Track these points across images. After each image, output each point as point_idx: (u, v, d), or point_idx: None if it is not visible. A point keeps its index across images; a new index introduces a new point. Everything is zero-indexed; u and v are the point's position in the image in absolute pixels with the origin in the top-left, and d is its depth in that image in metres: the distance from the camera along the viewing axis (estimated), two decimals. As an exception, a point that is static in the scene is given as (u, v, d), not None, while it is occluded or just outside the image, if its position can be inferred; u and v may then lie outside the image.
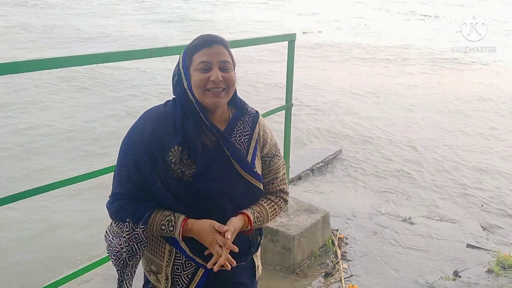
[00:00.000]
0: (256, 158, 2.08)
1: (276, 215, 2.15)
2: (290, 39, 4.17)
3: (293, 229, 4.35)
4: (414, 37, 19.99)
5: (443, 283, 4.18)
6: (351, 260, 4.56)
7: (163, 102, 2.04)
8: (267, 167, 2.14)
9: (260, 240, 2.19)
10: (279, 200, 2.17)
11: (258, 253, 2.23)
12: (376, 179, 6.56)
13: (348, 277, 4.27)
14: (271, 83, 11.80)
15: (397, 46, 17.89)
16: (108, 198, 1.99)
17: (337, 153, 7.37)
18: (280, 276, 4.28)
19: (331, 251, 4.66)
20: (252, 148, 2.06)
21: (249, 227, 2.01)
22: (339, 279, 4.22)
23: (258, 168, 2.09)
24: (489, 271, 4.39)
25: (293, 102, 4.40)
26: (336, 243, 4.73)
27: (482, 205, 5.78)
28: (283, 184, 2.20)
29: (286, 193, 2.21)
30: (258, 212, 2.06)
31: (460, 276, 4.31)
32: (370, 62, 15.28)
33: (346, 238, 4.93)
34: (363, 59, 15.72)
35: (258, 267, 2.24)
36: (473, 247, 4.86)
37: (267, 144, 2.13)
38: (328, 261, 4.52)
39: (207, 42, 1.93)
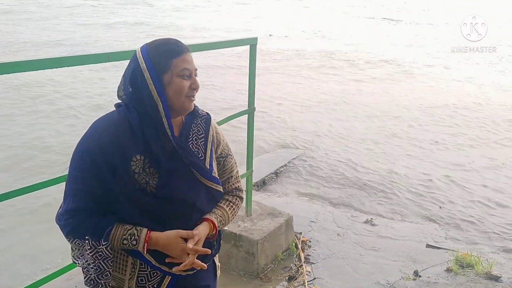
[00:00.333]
0: (213, 160, 2.10)
1: (235, 214, 2.22)
2: (252, 43, 4.17)
3: (257, 233, 4.35)
4: (370, 42, 20.40)
5: (404, 283, 4.26)
6: (314, 263, 4.59)
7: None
8: (222, 167, 2.17)
9: (220, 240, 2.22)
10: (236, 199, 2.22)
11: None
12: (338, 182, 6.63)
13: (311, 280, 4.30)
14: (238, 89, 11.80)
15: (355, 51, 18.21)
16: (59, 216, 1.90)
17: (300, 156, 7.44)
18: (243, 281, 4.27)
19: (295, 255, 4.68)
20: (209, 151, 2.07)
21: (215, 232, 2.05)
22: (302, 283, 4.24)
23: (216, 171, 2.11)
24: (448, 270, 4.50)
25: (257, 106, 4.40)
26: (299, 246, 4.76)
27: (440, 207, 5.93)
28: (238, 182, 2.25)
29: (241, 190, 2.27)
30: (220, 216, 2.09)
31: (420, 276, 4.41)
32: (333, 69, 15.48)
33: (310, 241, 4.97)
34: (322, 67, 15.92)
35: (218, 266, 2.31)
36: (433, 247, 4.98)
37: (221, 145, 2.16)
38: (291, 264, 4.54)
39: (182, 48, 1.90)
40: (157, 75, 1.84)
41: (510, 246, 5.06)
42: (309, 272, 4.43)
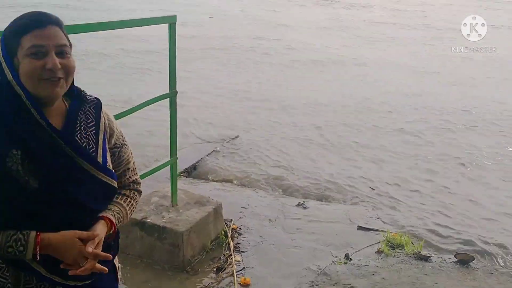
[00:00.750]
0: (107, 152, 1.84)
1: (134, 210, 1.99)
2: (171, 21, 3.86)
3: (182, 224, 4.09)
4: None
5: (335, 268, 4.18)
6: (244, 251, 4.41)
7: None
8: (117, 159, 1.92)
9: (118, 239, 1.97)
10: (134, 193, 1.99)
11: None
12: (270, 167, 6.47)
13: (240, 270, 4.12)
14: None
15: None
16: None
17: (234, 139, 7.21)
18: (168, 275, 4.02)
19: (224, 244, 4.48)
20: (101, 141, 1.81)
21: (113, 231, 1.81)
22: (231, 273, 4.05)
23: (110, 163, 1.85)
24: (379, 251, 4.47)
25: (186, 90, 4.11)
26: (229, 234, 4.55)
27: (371, 188, 5.92)
28: (135, 174, 2.02)
29: (139, 183, 2.03)
30: (118, 213, 1.86)
31: (351, 259, 4.34)
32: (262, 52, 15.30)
33: (240, 229, 4.78)
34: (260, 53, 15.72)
35: (118, 268, 2.05)
36: (364, 228, 4.93)
37: (114, 134, 1.89)
38: (221, 255, 4.33)
39: (38, 22, 1.59)
40: (10, 58, 1.59)
41: (439, 225, 5.10)
42: (239, 261, 4.24)
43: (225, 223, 4.71)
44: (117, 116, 3.52)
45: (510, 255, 4.53)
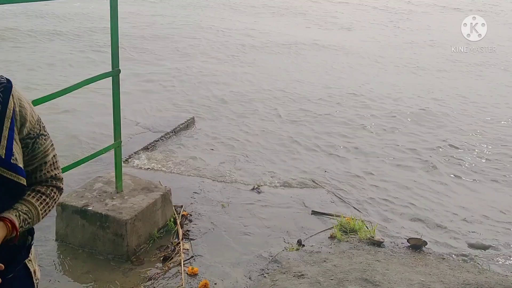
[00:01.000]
0: (14, 142, 1.59)
1: (50, 209, 1.75)
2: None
3: (126, 212, 3.87)
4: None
5: (287, 255, 4.06)
6: (194, 239, 4.23)
7: None
8: (31, 151, 1.68)
9: (32, 241, 1.76)
10: (51, 190, 1.75)
11: (33, 256, 1.81)
12: (225, 150, 6.29)
13: (188, 259, 3.94)
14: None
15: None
16: None
17: (189, 121, 6.97)
18: (111, 266, 3.81)
19: (173, 232, 4.29)
20: (7, 130, 1.57)
21: (15, 234, 1.57)
22: (178, 263, 3.87)
23: (18, 156, 1.61)
24: (332, 237, 4.38)
25: (135, 67, 3.85)
26: (178, 221, 4.36)
27: (325, 171, 5.82)
28: (55, 168, 1.78)
29: (60, 179, 1.80)
30: (25, 213, 1.63)
31: (303, 245, 4.23)
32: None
33: (191, 215, 4.60)
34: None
35: (34, 272, 1.82)
36: (318, 213, 4.83)
37: (27, 122, 1.65)
38: (168, 243, 4.14)
39: None
40: None
41: (393, 209, 5.05)
42: (188, 250, 4.07)
43: (175, 210, 4.51)
44: (53, 96, 3.26)
45: (462, 240, 4.53)
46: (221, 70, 10.17)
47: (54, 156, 1.77)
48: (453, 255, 4.13)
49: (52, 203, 1.75)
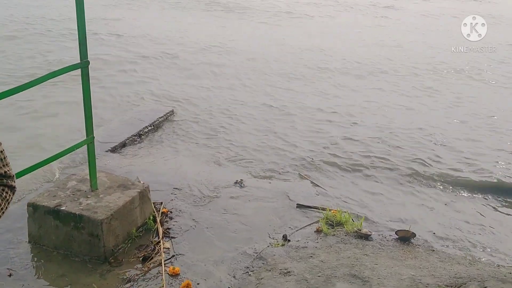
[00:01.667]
0: None
1: (3, 211, 1.64)
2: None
3: (102, 211, 3.67)
4: None
5: (272, 251, 3.91)
6: (175, 237, 4.05)
7: None
8: None
9: None
10: (3, 190, 1.64)
11: None
12: (209, 141, 6.10)
13: (169, 258, 3.76)
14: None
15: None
16: None
17: (168, 114, 6.75)
18: (88, 268, 3.61)
19: (153, 230, 4.10)
20: None
21: None
22: (159, 263, 3.68)
23: None
24: (318, 231, 4.24)
25: (108, 56, 3.63)
26: (158, 219, 4.17)
27: (312, 159, 5.68)
28: (4, 165, 1.65)
29: (11, 177, 1.66)
30: None
31: (289, 240, 4.08)
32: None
33: (171, 212, 4.40)
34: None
35: None
36: (303, 206, 4.68)
37: None
38: (148, 242, 3.95)
39: None
40: None
41: (381, 201, 4.94)
42: (168, 248, 3.88)
43: (154, 207, 4.32)
44: (19, 89, 3.04)
45: (449, 230, 4.44)
46: (199, 59, 9.94)
47: (2, 152, 1.61)
48: (444, 246, 4.03)
49: (4, 204, 1.61)
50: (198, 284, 3.47)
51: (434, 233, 4.32)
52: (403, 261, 3.64)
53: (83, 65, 3.50)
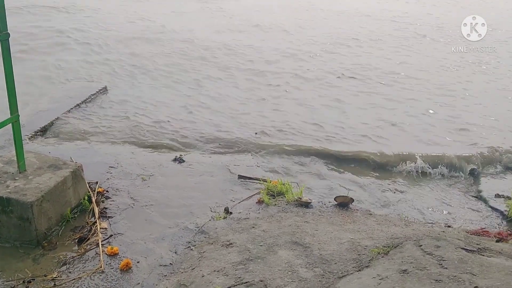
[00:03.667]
0: None
1: None
2: None
3: (32, 193, 3.46)
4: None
5: (214, 224, 3.87)
6: (112, 217, 3.91)
7: None
8: None
9: None
10: None
11: None
12: (143, 117, 5.93)
13: (107, 238, 3.63)
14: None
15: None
16: None
17: (100, 91, 6.47)
18: (20, 253, 3.42)
19: (89, 211, 3.93)
20: None
21: None
22: (96, 243, 3.55)
23: None
24: (260, 202, 4.24)
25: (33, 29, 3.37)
26: (93, 199, 4.01)
27: (256, 133, 5.66)
28: None
29: None
30: None
31: (231, 213, 4.06)
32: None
33: (107, 191, 4.25)
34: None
35: None
36: (244, 177, 4.66)
37: None
38: (84, 223, 3.79)
39: None
40: None
41: (319, 170, 5.00)
42: (105, 229, 3.74)
43: (89, 187, 4.14)
44: None
45: (388, 192, 4.58)
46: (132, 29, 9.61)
47: None
48: (380, 209, 4.15)
49: None
50: (138, 262, 3.38)
51: (372, 196, 4.45)
52: (342, 226, 3.72)
53: (3, 37, 3.24)
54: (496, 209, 4.45)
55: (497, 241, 3.51)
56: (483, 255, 3.01)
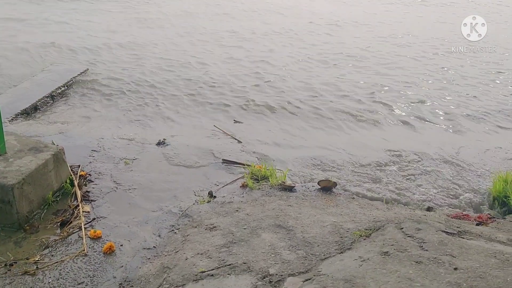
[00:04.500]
0: None
1: None
2: None
3: (12, 176, 3.42)
4: None
5: (197, 208, 3.87)
6: (95, 200, 3.88)
7: None
8: None
9: None
10: None
11: None
12: (127, 100, 5.87)
13: (90, 221, 3.61)
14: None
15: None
16: None
17: (83, 73, 6.38)
18: (1, 236, 3.39)
19: (71, 194, 3.90)
20: None
21: None
22: (79, 227, 3.53)
23: None
24: (243, 186, 4.24)
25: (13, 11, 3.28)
26: (76, 183, 3.97)
27: (234, 121, 5.65)
28: None
29: None
30: None
31: (215, 197, 4.06)
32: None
33: (90, 175, 4.21)
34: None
35: None
36: (228, 162, 4.66)
37: None
38: (66, 206, 3.76)
39: None
40: None
41: (303, 154, 5.01)
42: (88, 212, 3.72)
43: (72, 170, 4.11)
44: None
45: (371, 177, 4.62)
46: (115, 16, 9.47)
47: None
48: (364, 193, 4.19)
49: None
50: (122, 245, 3.37)
51: (355, 181, 4.48)
52: (325, 209, 3.75)
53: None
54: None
55: (477, 225, 3.57)
56: (463, 238, 3.07)
